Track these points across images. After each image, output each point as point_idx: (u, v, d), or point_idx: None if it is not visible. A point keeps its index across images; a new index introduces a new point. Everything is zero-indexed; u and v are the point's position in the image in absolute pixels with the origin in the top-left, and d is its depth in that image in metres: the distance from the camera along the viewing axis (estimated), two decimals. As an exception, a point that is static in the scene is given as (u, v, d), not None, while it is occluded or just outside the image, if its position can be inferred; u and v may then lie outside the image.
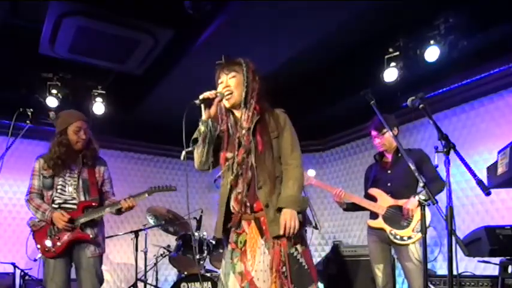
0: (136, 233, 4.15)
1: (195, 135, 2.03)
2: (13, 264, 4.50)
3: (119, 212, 3.13)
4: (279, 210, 1.99)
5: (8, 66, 4.77)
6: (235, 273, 2.00)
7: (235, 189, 2.08)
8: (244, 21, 3.82)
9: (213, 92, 2.06)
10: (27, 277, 4.50)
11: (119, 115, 5.50)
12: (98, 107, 5.15)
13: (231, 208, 2.11)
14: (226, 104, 2.11)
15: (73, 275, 3.13)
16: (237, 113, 2.15)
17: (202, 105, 2.03)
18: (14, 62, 4.77)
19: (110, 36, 4.07)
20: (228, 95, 2.07)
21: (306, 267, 2.00)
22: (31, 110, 2.96)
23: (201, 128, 2.01)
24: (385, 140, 3.40)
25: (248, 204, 2.04)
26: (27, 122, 2.98)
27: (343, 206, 3.54)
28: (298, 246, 2.03)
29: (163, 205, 5.52)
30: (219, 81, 2.14)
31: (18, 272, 4.50)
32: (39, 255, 3.07)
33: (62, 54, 4.41)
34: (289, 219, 1.96)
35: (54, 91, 4.89)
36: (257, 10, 3.64)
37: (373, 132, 3.46)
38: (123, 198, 3.10)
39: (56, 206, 3.07)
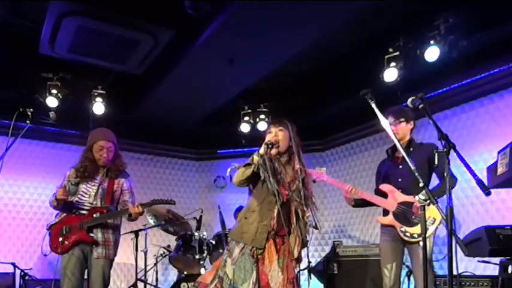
0: (136, 233, 4.15)
1: (249, 161, 2.67)
2: (13, 264, 4.50)
3: (130, 217, 3.42)
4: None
5: (8, 66, 4.77)
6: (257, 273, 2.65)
7: (272, 215, 2.70)
8: (244, 21, 3.82)
9: (273, 140, 2.70)
10: (27, 277, 4.51)
11: (119, 115, 5.49)
12: (98, 107, 5.16)
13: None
14: (273, 151, 2.69)
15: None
16: (282, 159, 2.77)
17: (268, 146, 2.61)
18: (14, 62, 4.77)
19: (110, 36, 4.07)
20: (276, 145, 2.68)
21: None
22: (31, 110, 2.99)
23: (255, 158, 2.63)
24: (400, 129, 3.31)
25: (275, 229, 2.69)
26: (27, 122, 3.00)
27: (351, 203, 3.48)
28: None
29: (163, 205, 5.50)
30: (269, 131, 2.80)
31: (18, 272, 4.51)
32: (49, 251, 3.41)
33: (62, 54, 4.41)
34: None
35: (54, 91, 4.91)
36: (257, 10, 3.64)
37: (390, 119, 3.31)
38: (133, 206, 3.42)
39: (74, 209, 3.38)
